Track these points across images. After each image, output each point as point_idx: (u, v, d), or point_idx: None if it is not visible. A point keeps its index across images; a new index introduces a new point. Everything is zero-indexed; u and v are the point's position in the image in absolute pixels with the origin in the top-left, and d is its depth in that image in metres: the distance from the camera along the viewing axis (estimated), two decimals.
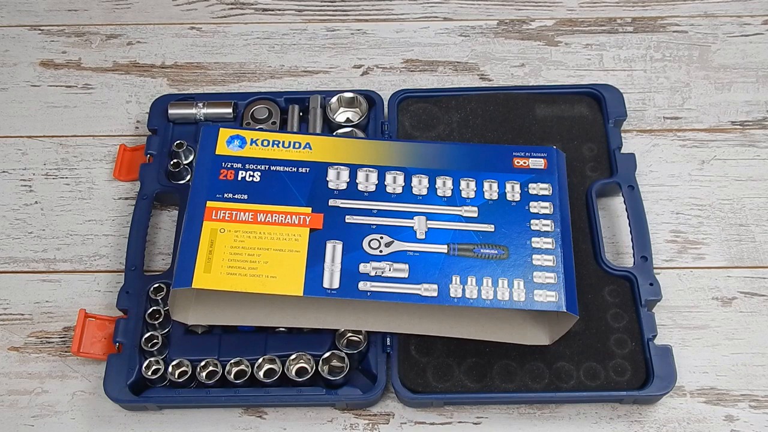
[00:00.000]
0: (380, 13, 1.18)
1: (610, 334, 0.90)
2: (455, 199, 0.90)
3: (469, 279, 0.85)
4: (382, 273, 0.85)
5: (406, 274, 0.85)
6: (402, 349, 0.90)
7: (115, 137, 1.09)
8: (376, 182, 0.90)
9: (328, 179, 0.90)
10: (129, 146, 1.06)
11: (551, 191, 0.90)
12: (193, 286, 0.84)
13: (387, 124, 1.03)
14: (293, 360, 0.89)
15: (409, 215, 0.88)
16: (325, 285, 0.84)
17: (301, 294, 0.84)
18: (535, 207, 0.89)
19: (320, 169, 0.91)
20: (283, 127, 1.05)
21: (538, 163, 0.92)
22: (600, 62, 1.13)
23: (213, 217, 0.87)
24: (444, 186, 0.90)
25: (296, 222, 0.87)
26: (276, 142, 0.92)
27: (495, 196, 0.90)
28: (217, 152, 0.91)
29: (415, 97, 1.05)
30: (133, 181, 1.04)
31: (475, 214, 0.89)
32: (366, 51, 1.15)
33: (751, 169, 1.04)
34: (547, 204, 0.89)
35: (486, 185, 0.90)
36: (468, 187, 0.90)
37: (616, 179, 0.98)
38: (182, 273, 0.84)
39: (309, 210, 0.88)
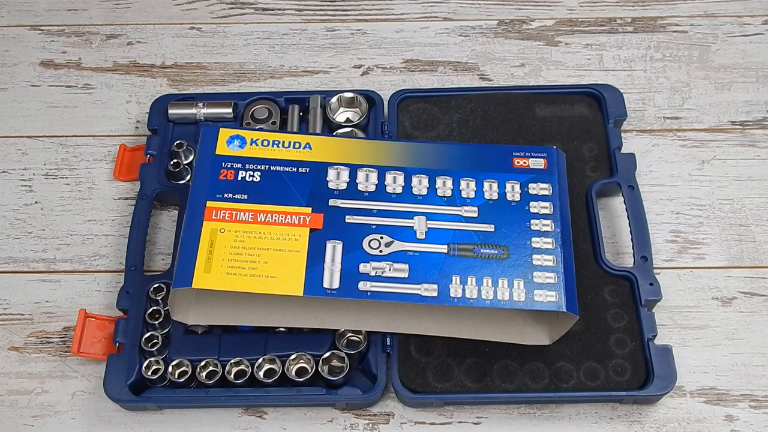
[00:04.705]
0: (380, 13, 1.19)
1: (610, 334, 0.90)
2: (455, 199, 0.90)
3: (469, 279, 0.85)
4: (382, 273, 0.85)
5: (406, 274, 0.85)
6: (402, 349, 0.90)
7: (115, 137, 1.09)
8: (376, 182, 0.90)
9: (328, 179, 0.90)
10: (129, 146, 1.06)
11: (551, 191, 0.90)
12: (193, 286, 0.84)
13: (387, 124, 1.03)
14: (293, 360, 0.89)
15: (409, 215, 0.88)
16: (325, 285, 0.84)
17: (301, 294, 0.84)
18: (535, 207, 0.89)
19: (320, 169, 0.91)
20: (283, 127, 1.05)
21: (538, 163, 0.92)
22: (600, 62, 1.13)
23: (213, 217, 0.87)
24: (444, 186, 0.90)
25: (296, 222, 0.87)
26: (276, 142, 0.92)
27: (495, 196, 0.90)
28: (217, 152, 0.91)
29: (415, 97, 1.05)
30: (133, 181, 1.04)
31: (475, 214, 0.89)
32: (366, 51, 1.15)
33: (751, 169, 1.04)
34: (547, 204, 0.89)
35: (486, 185, 0.90)
36: (468, 187, 0.90)
37: (616, 179, 0.98)
38: (182, 273, 0.84)
39: (309, 210, 0.88)
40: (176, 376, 0.88)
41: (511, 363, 0.89)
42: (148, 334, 0.91)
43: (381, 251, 0.86)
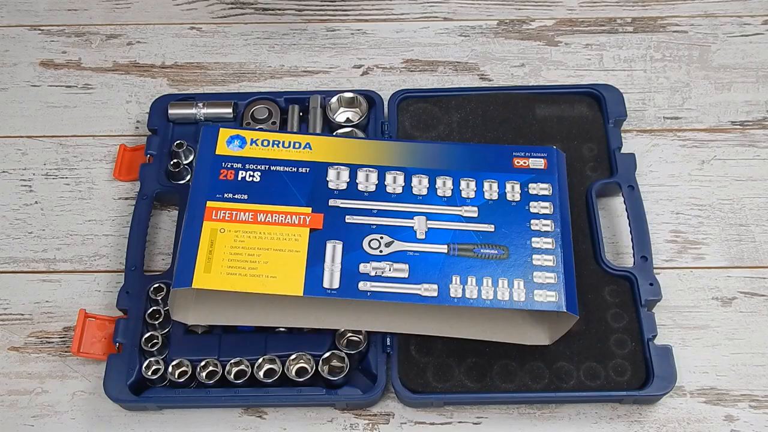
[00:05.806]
0: (380, 13, 1.19)
1: (610, 334, 0.90)
2: (455, 199, 0.90)
3: (469, 279, 0.85)
4: (382, 273, 0.85)
5: (406, 274, 0.85)
6: (402, 349, 0.90)
7: (115, 137, 1.09)
8: (376, 182, 0.90)
9: (328, 179, 0.90)
10: (129, 146, 1.06)
11: (551, 191, 0.90)
12: (193, 286, 0.84)
13: (387, 124, 1.03)
14: (293, 360, 0.89)
15: (409, 215, 0.88)
16: (325, 285, 0.84)
17: (301, 294, 0.84)
18: (535, 207, 0.89)
19: (320, 169, 0.91)
20: (283, 127, 1.05)
21: (538, 163, 0.92)
22: (600, 62, 1.13)
23: (213, 217, 0.87)
24: (444, 186, 0.90)
25: (296, 222, 0.87)
26: (276, 142, 0.92)
27: (495, 196, 0.90)
28: (217, 152, 0.91)
29: (415, 97, 1.05)
30: (133, 181, 1.04)
31: (475, 214, 0.89)
32: (366, 51, 1.15)
33: (751, 169, 1.04)
34: (547, 204, 0.89)
35: (486, 185, 0.90)
36: (468, 187, 0.90)
37: (616, 179, 0.98)
38: (182, 273, 0.84)
39: (309, 210, 0.88)
40: (176, 376, 0.88)
41: (511, 363, 0.89)
42: (148, 334, 0.91)
43: (381, 251, 0.86)
